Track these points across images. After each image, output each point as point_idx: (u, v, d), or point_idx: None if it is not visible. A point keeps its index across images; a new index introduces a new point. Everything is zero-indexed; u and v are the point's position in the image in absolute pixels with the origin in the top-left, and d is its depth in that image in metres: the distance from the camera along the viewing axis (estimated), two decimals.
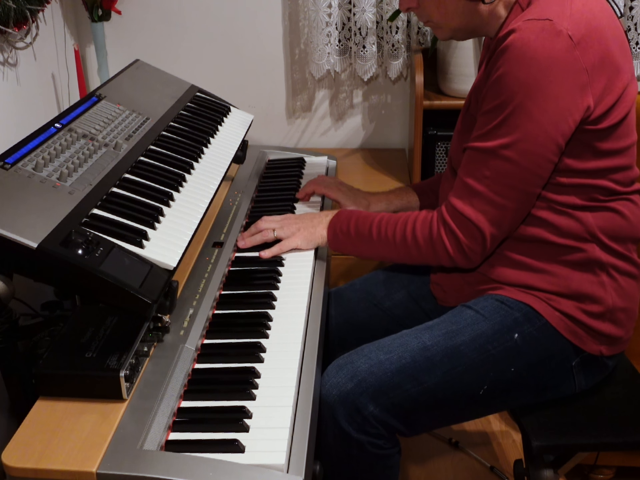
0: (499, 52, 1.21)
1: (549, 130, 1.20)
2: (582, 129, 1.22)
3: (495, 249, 1.34)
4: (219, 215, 1.62)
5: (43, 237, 1.06)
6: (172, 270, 1.15)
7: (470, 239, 1.29)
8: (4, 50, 1.86)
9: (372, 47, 2.29)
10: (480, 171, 1.26)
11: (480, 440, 2.14)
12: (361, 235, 1.41)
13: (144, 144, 1.47)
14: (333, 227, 1.46)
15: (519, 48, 1.18)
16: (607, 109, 1.22)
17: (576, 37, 1.17)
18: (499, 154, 1.23)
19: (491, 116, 1.24)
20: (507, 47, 1.19)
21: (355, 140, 2.55)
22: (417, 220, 1.35)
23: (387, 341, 1.34)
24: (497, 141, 1.23)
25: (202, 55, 2.44)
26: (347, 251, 1.47)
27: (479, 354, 1.30)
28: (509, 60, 1.19)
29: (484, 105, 1.25)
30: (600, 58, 1.20)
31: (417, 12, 1.38)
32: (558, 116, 1.20)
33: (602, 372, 1.40)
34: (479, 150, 1.26)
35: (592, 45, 1.19)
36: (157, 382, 1.10)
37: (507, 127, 1.22)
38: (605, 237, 1.30)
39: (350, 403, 1.26)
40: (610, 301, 1.32)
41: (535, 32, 1.17)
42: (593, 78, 1.19)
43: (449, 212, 1.30)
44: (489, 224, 1.27)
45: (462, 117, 1.39)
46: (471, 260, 1.32)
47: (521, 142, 1.21)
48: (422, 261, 1.38)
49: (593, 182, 1.27)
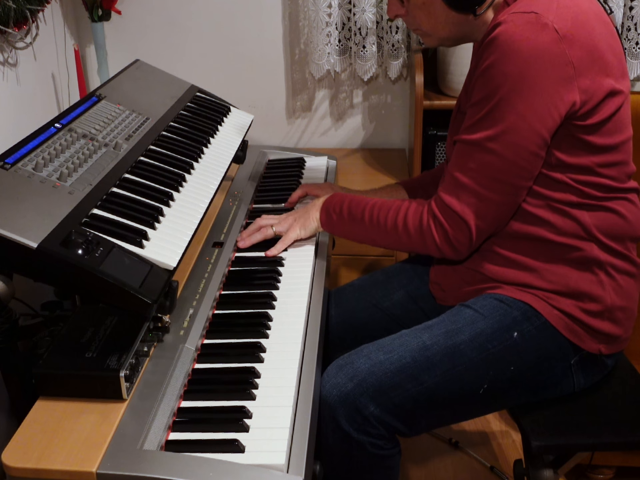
0: (486, 44, 1.21)
1: (533, 122, 1.20)
2: (571, 123, 1.22)
3: (484, 241, 1.35)
4: (219, 215, 1.62)
5: (43, 237, 1.06)
6: (172, 270, 1.15)
7: (457, 231, 1.30)
8: (4, 50, 1.86)
9: (372, 47, 2.29)
10: (466, 164, 1.26)
11: (480, 440, 2.14)
12: (354, 217, 1.42)
13: (144, 144, 1.47)
14: (326, 208, 1.47)
15: (504, 41, 1.18)
16: (594, 105, 1.22)
17: (562, 31, 1.17)
18: (484, 146, 1.24)
19: (477, 108, 1.24)
20: (493, 40, 1.20)
21: (355, 140, 2.55)
22: (409, 209, 1.36)
23: (386, 341, 1.34)
24: (481, 133, 1.23)
25: (202, 55, 2.44)
26: (339, 233, 1.48)
27: (479, 353, 1.30)
28: (495, 53, 1.19)
29: (472, 98, 1.26)
30: (587, 53, 1.20)
31: (405, 19, 1.39)
32: (542, 109, 1.19)
33: (601, 371, 1.40)
34: (465, 142, 1.27)
35: (579, 39, 1.19)
36: (157, 382, 1.10)
37: (491, 120, 1.22)
38: (603, 236, 1.30)
39: (351, 403, 1.26)
40: (609, 300, 1.32)
41: (521, 24, 1.18)
42: (579, 72, 1.19)
43: (438, 205, 1.31)
44: (475, 216, 1.28)
45: (454, 114, 1.39)
46: (458, 252, 1.33)
47: (505, 134, 1.21)
48: (411, 249, 1.40)
49: (588, 179, 1.27)
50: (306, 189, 1.69)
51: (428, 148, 2.19)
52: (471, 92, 1.27)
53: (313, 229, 1.50)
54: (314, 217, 1.49)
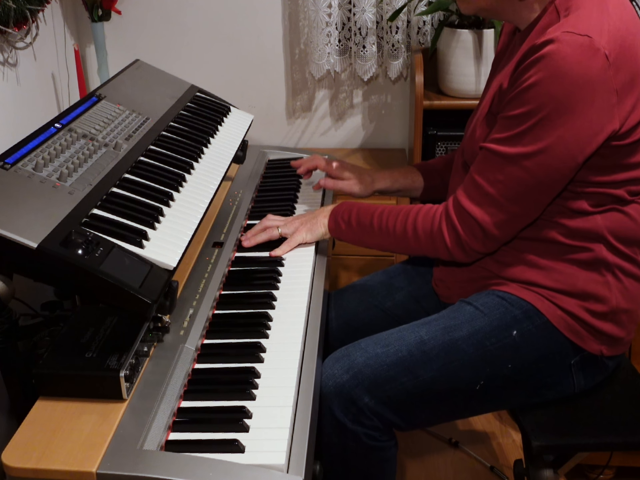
0: (534, 60, 1.18)
1: (571, 147, 1.19)
2: (607, 144, 1.21)
3: (496, 250, 1.34)
4: (219, 215, 1.62)
5: (43, 237, 1.06)
6: (172, 271, 1.15)
7: (470, 236, 1.30)
8: (4, 50, 1.86)
9: (372, 47, 2.29)
10: (493, 174, 1.26)
11: (480, 440, 2.14)
12: (362, 225, 1.43)
13: (144, 144, 1.47)
14: (334, 216, 1.48)
15: (556, 61, 1.16)
16: (632, 126, 1.21)
17: (612, 57, 1.16)
18: (517, 162, 1.23)
19: (515, 122, 1.22)
20: (543, 57, 1.17)
21: (355, 140, 2.55)
22: (419, 213, 1.36)
23: (384, 335, 1.35)
24: (517, 148, 1.22)
25: (202, 55, 2.44)
26: (347, 239, 1.48)
27: (476, 350, 1.30)
28: (543, 70, 1.17)
29: (508, 109, 1.24)
30: (630, 77, 1.19)
31: None
32: (583, 135, 1.19)
33: (602, 372, 1.39)
34: (497, 153, 1.25)
35: (625, 63, 1.18)
36: (157, 382, 1.10)
37: (530, 137, 1.21)
38: (612, 238, 1.30)
39: (346, 394, 1.27)
40: (615, 301, 1.32)
41: (574, 47, 1.15)
42: (621, 99, 1.18)
43: (455, 208, 1.31)
44: (494, 226, 1.28)
45: (484, 114, 1.35)
46: (469, 256, 1.33)
47: (541, 155, 1.21)
48: (420, 252, 1.40)
49: (607, 192, 1.27)
50: (317, 162, 1.70)
51: (428, 148, 2.19)
52: (509, 101, 1.24)
53: (320, 235, 1.51)
54: (322, 222, 1.49)
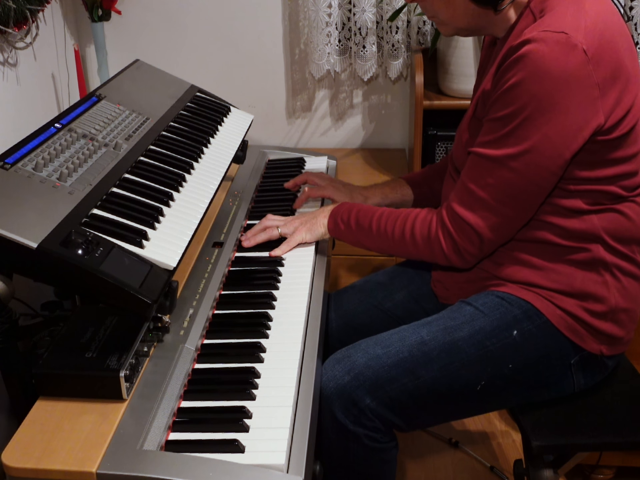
0: (513, 61, 1.19)
1: (557, 145, 1.20)
2: (593, 139, 1.21)
3: (493, 251, 1.35)
4: (219, 215, 1.62)
5: (43, 237, 1.06)
6: (172, 270, 1.15)
7: (467, 242, 1.30)
8: (4, 50, 1.86)
9: (372, 47, 2.29)
10: (483, 178, 1.26)
11: (480, 440, 2.14)
12: (361, 227, 1.44)
13: (144, 144, 1.47)
14: (334, 216, 1.48)
15: (534, 60, 1.16)
16: (617, 120, 1.21)
17: (590, 52, 1.16)
18: (505, 164, 1.23)
19: (499, 124, 1.23)
20: (521, 57, 1.18)
21: (355, 140, 2.55)
22: (417, 218, 1.37)
23: (385, 336, 1.35)
24: (503, 150, 1.22)
25: (202, 55, 2.44)
26: (347, 240, 1.49)
27: (477, 350, 1.30)
28: (522, 71, 1.17)
29: (492, 112, 1.24)
30: (611, 71, 1.19)
31: (422, 5, 1.36)
32: (567, 132, 1.19)
33: (601, 372, 1.40)
34: (485, 157, 1.25)
35: (605, 58, 1.18)
36: (157, 382, 1.10)
37: (515, 138, 1.21)
38: (609, 238, 1.30)
39: (347, 396, 1.27)
40: (613, 301, 1.32)
41: (551, 44, 1.16)
42: (604, 92, 1.18)
43: (449, 216, 1.31)
44: (488, 229, 1.28)
45: (469, 119, 1.37)
46: (466, 261, 1.34)
47: (528, 154, 1.21)
48: (418, 258, 1.41)
49: (600, 188, 1.27)
50: (307, 176, 1.73)
51: (428, 148, 2.19)
52: (492, 104, 1.25)
53: (319, 235, 1.51)
54: (322, 223, 1.50)
